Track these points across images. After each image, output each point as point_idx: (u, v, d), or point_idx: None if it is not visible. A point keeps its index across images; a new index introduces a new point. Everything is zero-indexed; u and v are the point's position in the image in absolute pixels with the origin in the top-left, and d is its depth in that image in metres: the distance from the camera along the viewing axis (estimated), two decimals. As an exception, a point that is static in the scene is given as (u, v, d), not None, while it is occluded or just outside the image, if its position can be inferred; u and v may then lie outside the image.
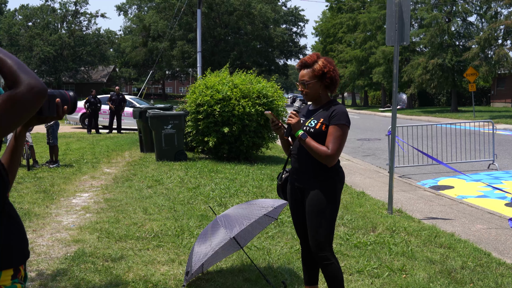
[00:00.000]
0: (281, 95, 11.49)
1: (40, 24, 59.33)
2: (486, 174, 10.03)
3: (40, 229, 5.59)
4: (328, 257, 3.17)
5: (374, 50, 44.17)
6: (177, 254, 4.71)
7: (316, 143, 3.07)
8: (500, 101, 41.82)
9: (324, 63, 3.16)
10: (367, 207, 6.67)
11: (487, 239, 5.43)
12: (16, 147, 1.89)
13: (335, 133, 3.08)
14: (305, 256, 3.46)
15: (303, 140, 3.08)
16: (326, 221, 3.14)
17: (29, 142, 9.95)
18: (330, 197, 3.14)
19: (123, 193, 7.52)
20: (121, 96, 19.12)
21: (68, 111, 1.85)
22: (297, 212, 3.35)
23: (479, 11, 35.15)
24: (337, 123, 3.09)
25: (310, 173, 3.18)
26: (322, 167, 3.14)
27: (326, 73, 3.15)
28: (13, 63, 1.52)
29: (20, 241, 1.72)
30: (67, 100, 1.83)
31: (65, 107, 1.82)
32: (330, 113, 3.13)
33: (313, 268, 3.47)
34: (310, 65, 3.17)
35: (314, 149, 3.05)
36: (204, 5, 46.51)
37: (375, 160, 12.21)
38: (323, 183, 3.14)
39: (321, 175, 3.15)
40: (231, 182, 8.38)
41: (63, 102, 1.81)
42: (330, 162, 3.07)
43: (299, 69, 3.23)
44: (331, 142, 3.06)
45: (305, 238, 3.39)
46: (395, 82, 6.60)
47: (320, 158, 3.06)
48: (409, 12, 6.38)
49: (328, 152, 3.04)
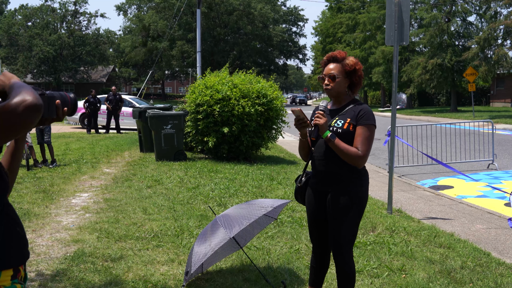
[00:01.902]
0: (280, 94, 11.50)
1: (40, 24, 59.32)
2: (486, 174, 10.04)
3: (40, 229, 5.59)
4: (347, 260, 3.12)
5: (373, 50, 44.22)
6: (177, 254, 4.71)
7: (345, 144, 2.98)
8: (500, 101, 41.84)
9: (355, 60, 3.11)
10: (366, 207, 6.64)
11: (486, 239, 5.43)
12: (16, 148, 1.89)
13: (365, 134, 3.00)
14: (316, 259, 3.37)
15: (332, 142, 2.96)
16: (349, 223, 3.07)
17: (29, 142, 9.95)
18: (355, 200, 3.06)
19: (123, 193, 7.52)
20: (118, 96, 19.10)
21: (68, 112, 1.85)
22: (316, 216, 3.24)
23: (478, 11, 35.19)
24: (366, 123, 3.02)
25: (335, 176, 3.08)
26: (348, 169, 3.05)
27: (357, 70, 3.09)
28: (23, 88, 1.51)
29: (20, 241, 1.72)
30: (67, 102, 1.83)
31: (65, 108, 1.82)
32: (357, 113, 3.04)
33: (321, 271, 3.40)
34: (340, 59, 3.09)
35: (345, 151, 2.95)
36: (204, 5, 46.49)
37: (374, 160, 12.21)
38: (348, 185, 3.06)
39: (347, 178, 3.06)
40: (230, 182, 8.38)
41: (63, 104, 1.81)
42: (361, 164, 3.00)
43: (327, 62, 3.13)
44: (360, 143, 2.98)
45: (319, 241, 3.30)
46: (394, 82, 6.60)
47: (350, 159, 2.97)
48: (408, 12, 6.38)
49: (359, 153, 2.96)
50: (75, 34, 59.84)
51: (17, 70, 56.96)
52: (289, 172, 9.59)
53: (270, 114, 10.99)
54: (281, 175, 9.11)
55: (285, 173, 9.38)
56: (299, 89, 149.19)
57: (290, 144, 15.55)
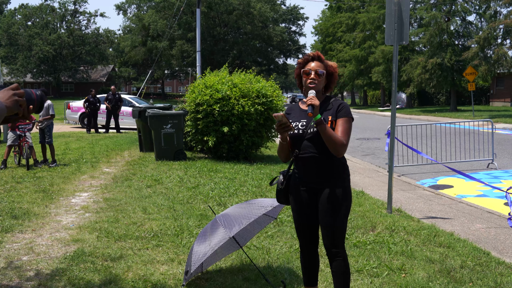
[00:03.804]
0: (280, 94, 11.50)
1: (40, 24, 59.31)
2: (486, 174, 10.04)
3: (40, 229, 5.59)
4: (341, 254, 3.23)
5: (373, 49, 44.22)
6: (177, 254, 4.71)
7: (333, 131, 3.11)
8: (499, 100, 41.84)
9: (336, 64, 3.35)
10: (366, 207, 6.67)
11: (486, 238, 5.43)
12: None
13: (345, 125, 3.16)
14: (305, 258, 3.44)
15: (324, 125, 3.06)
16: (340, 218, 3.19)
17: (29, 142, 9.95)
18: (344, 194, 3.19)
19: (123, 192, 7.52)
20: (118, 95, 19.09)
21: (35, 110, 1.81)
22: (304, 214, 3.30)
23: (478, 10, 35.18)
24: (346, 116, 3.19)
25: (324, 173, 3.18)
26: (335, 166, 3.19)
27: (335, 74, 3.32)
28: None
29: None
30: (33, 99, 1.79)
31: (31, 106, 1.78)
32: (337, 107, 3.22)
33: (313, 269, 3.46)
34: (322, 60, 3.28)
35: (333, 137, 3.06)
36: (204, 5, 46.49)
37: (374, 160, 12.21)
38: (336, 181, 3.19)
39: (334, 174, 3.19)
40: (230, 181, 8.37)
41: (28, 102, 1.77)
42: (342, 152, 3.12)
43: (311, 59, 3.28)
44: (342, 133, 3.13)
45: (308, 239, 3.37)
46: (394, 82, 6.60)
47: (335, 146, 3.08)
48: (408, 11, 6.38)
49: (343, 141, 3.10)
50: (74, 34, 59.85)
51: (17, 70, 56.98)
52: (289, 171, 9.58)
53: (270, 113, 10.99)
54: (281, 175, 9.10)
55: (285, 173, 9.37)
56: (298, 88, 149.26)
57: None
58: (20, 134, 9.97)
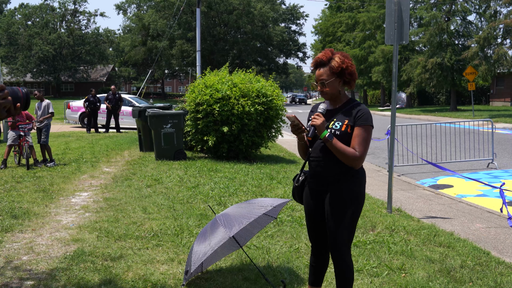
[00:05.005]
0: (280, 93, 11.50)
1: (39, 23, 59.31)
2: (485, 173, 10.04)
3: (40, 229, 5.59)
4: (345, 257, 3.13)
5: (373, 49, 44.20)
6: (177, 253, 4.71)
7: (343, 145, 2.99)
8: (500, 100, 41.84)
9: (341, 58, 3.06)
10: (366, 206, 6.67)
11: (486, 238, 5.44)
12: None
13: (362, 135, 3.01)
14: (315, 259, 3.39)
15: (330, 142, 2.98)
16: (347, 221, 3.09)
17: (29, 141, 9.95)
18: (352, 198, 3.08)
19: (123, 192, 7.52)
20: (118, 95, 19.09)
21: (22, 108, 1.80)
22: (314, 215, 3.26)
23: (478, 10, 35.17)
24: (363, 124, 3.03)
25: (333, 176, 3.09)
26: (346, 169, 3.06)
27: (345, 69, 3.06)
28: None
29: None
30: (19, 97, 1.77)
31: (18, 104, 1.76)
32: (355, 113, 3.05)
33: (320, 271, 3.41)
34: (326, 63, 3.08)
35: (342, 151, 2.97)
36: (204, 4, 46.49)
37: (374, 159, 12.21)
38: (345, 184, 3.07)
39: (344, 177, 3.08)
40: (230, 181, 8.38)
41: (14, 100, 1.74)
42: (357, 164, 3.01)
43: (315, 68, 3.13)
44: (358, 144, 3.00)
45: (318, 241, 3.32)
46: (394, 81, 6.60)
47: (347, 159, 2.98)
48: (408, 11, 6.38)
49: (356, 154, 2.98)
50: (74, 33, 59.86)
51: (17, 70, 56.99)
52: (289, 171, 9.59)
53: (269, 113, 10.99)
54: (280, 174, 9.11)
55: (285, 172, 9.38)
56: (299, 88, 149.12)
57: (289, 143, 15.55)
58: (20, 133, 9.97)
